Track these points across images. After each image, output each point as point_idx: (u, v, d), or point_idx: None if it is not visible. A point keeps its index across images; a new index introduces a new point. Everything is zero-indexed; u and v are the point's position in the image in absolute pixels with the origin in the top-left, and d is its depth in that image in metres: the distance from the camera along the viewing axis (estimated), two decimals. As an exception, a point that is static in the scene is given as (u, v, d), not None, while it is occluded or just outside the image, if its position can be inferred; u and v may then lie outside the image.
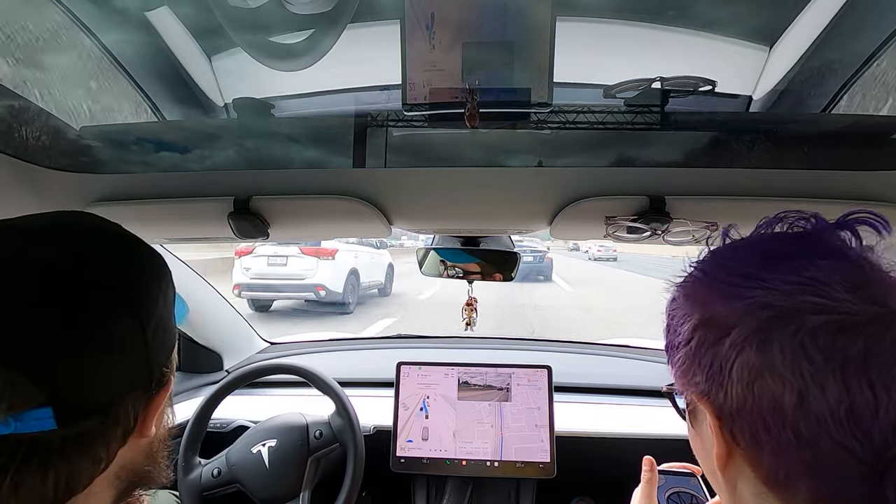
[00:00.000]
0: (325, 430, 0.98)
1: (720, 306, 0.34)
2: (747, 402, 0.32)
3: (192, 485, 0.96)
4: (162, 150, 0.69)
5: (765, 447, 0.31)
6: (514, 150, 0.68)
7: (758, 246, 0.37)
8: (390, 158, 0.68)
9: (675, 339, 0.38)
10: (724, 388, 0.33)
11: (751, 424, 0.32)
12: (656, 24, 0.57)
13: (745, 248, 0.37)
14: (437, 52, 0.53)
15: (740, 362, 0.32)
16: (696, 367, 0.35)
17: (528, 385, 1.09)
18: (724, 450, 0.34)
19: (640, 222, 0.66)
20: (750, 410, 0.32)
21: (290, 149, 0.70)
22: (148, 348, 0.36)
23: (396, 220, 0.76)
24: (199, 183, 0.70)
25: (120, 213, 0.73)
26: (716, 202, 0.65)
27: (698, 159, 0.64)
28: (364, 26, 0.56)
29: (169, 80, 0.65)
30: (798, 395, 0.29)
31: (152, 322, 0.36)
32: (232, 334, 1.41)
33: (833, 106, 0.59)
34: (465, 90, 0.54)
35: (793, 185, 0.63)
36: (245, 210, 0.70)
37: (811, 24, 0.54)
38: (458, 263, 1.01)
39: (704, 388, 0.35)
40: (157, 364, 0.37)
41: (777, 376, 0.30)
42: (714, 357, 0.34)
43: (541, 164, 0.67)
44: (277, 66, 0.59)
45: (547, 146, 0.66)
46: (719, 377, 0.33)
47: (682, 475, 0.68)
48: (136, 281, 0.36)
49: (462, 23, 0.52)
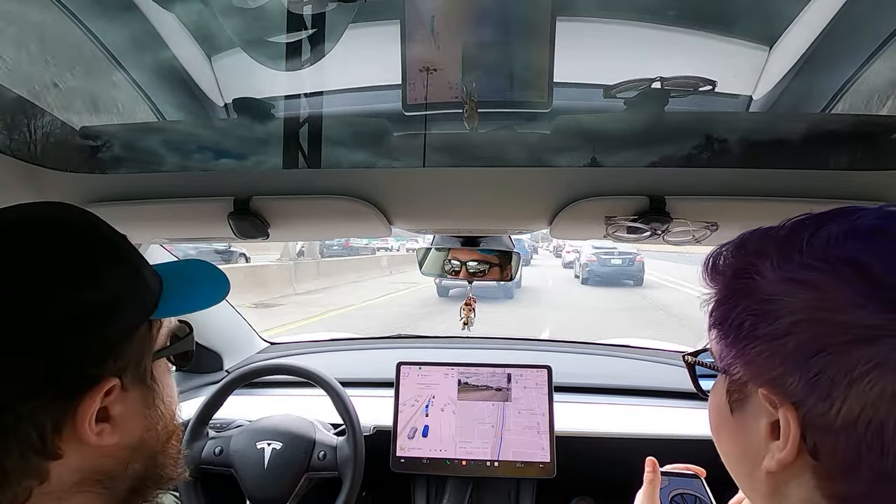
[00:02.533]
0: (329, 455, 0.97)
1: (856, 309, 0.28)
2: (860, 425, 0.27)
3: (192, 453, 0.98)
4: (162, 150, 0.69)
5: (860, 476, 0.28)
6: (514, 149, 0.68)
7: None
8: (390, 158, 0.68)
9: (748, 330, 0.32)
10: (829, 400, 0.28)
11: (855, 450, 0.28)
12: (656, 24, 0.57)
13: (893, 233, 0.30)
14: (437, 53, 0.53)
15: (872, 382, 0.27)
16: (788, 367, 0.30)
17: (528, 385, 1.09)
18: (792, 456, 0.30)
19: (640, 222, 0.66)
20: (862, 434, 0.27)
21: (290, 149, 0.70)
22: (48, 348, 0.32)
23: (396, 220, 0.76)
24: (199, 183, 0.70)
25: (120, 213, 0.73)
26: (716, 202, 0.65)
27: (698, 159, 0.64)
28: (364, 26, 0.56)
29: (169, 80, 0.65)
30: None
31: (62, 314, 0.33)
32: (232, 334, 1.41)
33: (833, 106, 0.59)
34: (465, 90, 0.54)
35: (793, 185, 0.63)
36: (245, 210, 0.70)
37: (811, 24, 0.54)
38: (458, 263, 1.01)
39: (795, 392, 0.30)
40: (69, 363, 0.33)
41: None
42: (827, 365, 0.28)
43: (541, 164, 0.67)
44: (277, 66, 0.59)
45: (547, 146, 0.66)
46: (828, 388, 0.28)
47: (685, 476, 0.67)
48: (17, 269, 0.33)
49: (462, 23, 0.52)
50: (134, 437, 0.39)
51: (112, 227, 0.40)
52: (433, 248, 1.01)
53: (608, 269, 11.86)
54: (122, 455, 0.38)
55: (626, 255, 11.68)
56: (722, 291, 0.36)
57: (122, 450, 0.38)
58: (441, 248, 1.00)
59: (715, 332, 0.36)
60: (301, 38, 0.56)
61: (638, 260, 11.80)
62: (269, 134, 0.69)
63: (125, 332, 0.37)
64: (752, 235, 0.36)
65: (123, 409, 0.37)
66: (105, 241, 0.38)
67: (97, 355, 0.35)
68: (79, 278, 0.35)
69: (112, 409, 0.36)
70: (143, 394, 0.40)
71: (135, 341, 0.38)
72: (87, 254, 0.36)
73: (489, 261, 1.00)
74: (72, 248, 0.36)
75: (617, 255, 11.70)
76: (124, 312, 0.37)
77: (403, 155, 0.69)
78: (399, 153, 0.68)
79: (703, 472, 0.67)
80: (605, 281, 11.93)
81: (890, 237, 0.29)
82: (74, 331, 0.33)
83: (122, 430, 0.37)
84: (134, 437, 0.39)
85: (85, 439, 0.34)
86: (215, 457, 0.98)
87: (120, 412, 0.37)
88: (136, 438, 0.39)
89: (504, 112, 0.60)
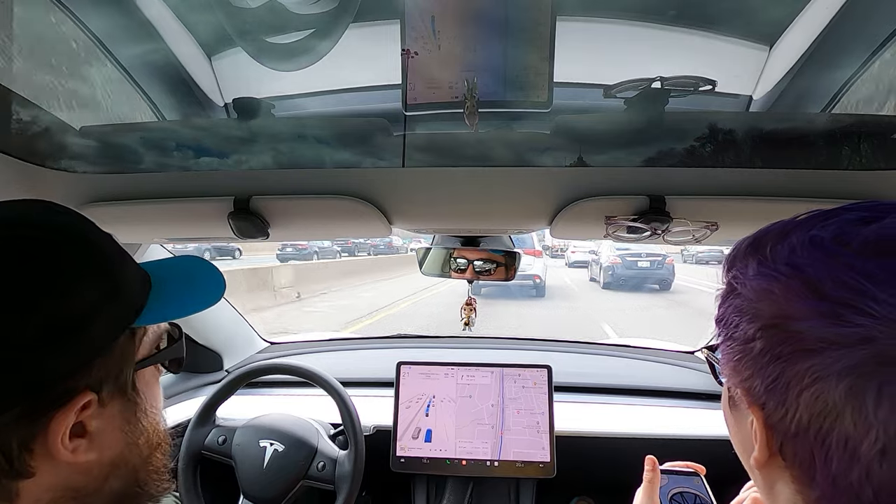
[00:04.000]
0: (328, 466, 0.97)
1: (805, 320, 0.28)
2: (811, 433, 0.28)
3: (197, 436, 1.00)
4: (162, 150, 0.69)
5: (818, 476, 0.28)
6: (514, 149, 0.68)
7: (870, 244, 0.28)
8: (390, 158, 0.68)
9: (732, 331, 0.34)
10: (786, 407, 0.29)
11: (809, 454, 0.28)
12: (656, 24, 0.57)
13: (855, 245, 0.28)
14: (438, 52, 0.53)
15: (816, 392, 0.27)
16: (754, 371, 0.31)
17: (528, 385, 1.09)
18: (766, 456, 0.32)
19: (640, 222, 0.66)
20: (813, 443, 0.28)
21: (290, 149, 0.70)
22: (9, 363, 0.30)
23: (396, 219, 0.76)
24: (199, 183, 0.70)
25: (120, 213, 0.73)
26: (716, 202, 0.65)
27: (698, 159, 0.63)
28: (364, 26, 0.56)
29: (169, 79, 0.65)
30: (881, 449, 0.25)
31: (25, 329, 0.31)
32: (232, 334, 1.41)
33: (833, 106, 0.59)
34: (465, 90, 0.54)
35: (793, 184, 0.63)
36: (245, 210, 0.70)
37: (811, 24, 0.54)
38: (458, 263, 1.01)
39: (759, 395, 0.31)
40: (37, 381, 0.31)
41: (862, 424, 0.25)
42: (781, 373, 0.29)
43: (541, 164, 0.67)
44: (277, 66, 0.59)
45: (547, 146, 0.66)
46: (783, 395, 0.29)
47: (685, 475, 0.67)
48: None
49: (462, 22, 0.52)
50: (113, 452, 0.37)
51: (97, 227, 0.38)
52: (433, 248, 1.01)
53: (634, 272, 10.92)
54: (100, 471, 0.36)
55: (654, 257, 10.64)
56: (724, 288, 0.37)
57: (100, 466, 0.36)
58: (441, 248, 1.00)
59: (716, 328, 0.37)
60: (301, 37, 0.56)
61: (668, 262, 10.74)
62: (269, 134, 0.69)
63: (100, 344, 0.35)
64: (757, 233, 0.36)
65: (101, 424, 0.35)
66: (79, 245, 0.35)
67: (66, 371, 0.33)
68: (42, 289, 0.32)
69: (89, 424, 0.35)
70: (124, 407, 0.38)
71: (113, 352, 0.36)
72: (53, 262, 0.33)
73: (490, 260, 1.00)
74: (37, 255, 0.33)
75: (644, 258, 10.65)
76: (96, 324, 0.34)
77: (403, 155, 0.69)
78: (399, 153, 0.68)
79: (703, 469, 0.67)
80: (629, 285, 11.10)
81: (831, 253, 0.29)
82: (39, 346, 0.31)
83: (100, 445, 0.36)
84: (113, 453, 0.37)
85: (58, 457, 0.33)
86: (218, 445, 0.99)
87: (98, 427, 0.35)
88: (116, 453, 0.37)
89: (504, 112, 0.60)
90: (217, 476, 1.02)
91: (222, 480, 1.03)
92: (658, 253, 10.70)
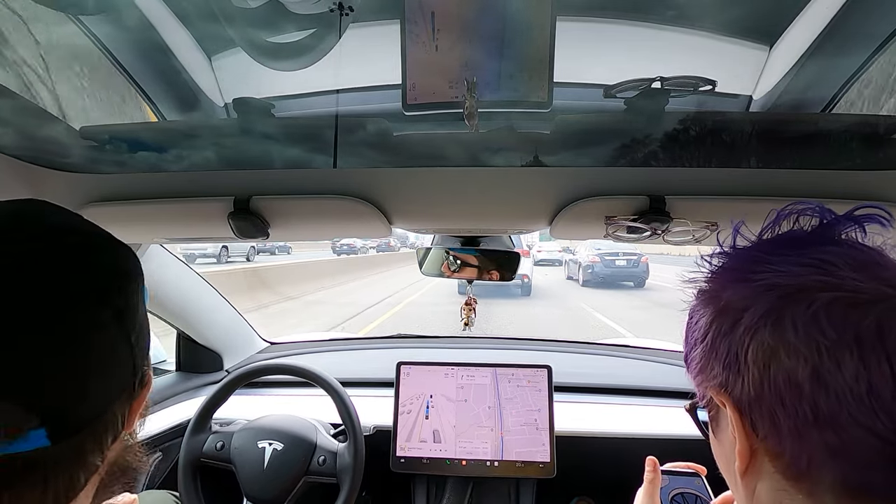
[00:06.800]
0: (328, 460, 0.97)
1: (731, 292, 0.35)
2: (764, 385, 0.32)
3: (194, 445, 0.99)
4: (162, 150, 0.69)
5: (784, 431, 0.31)
6: (515, 150, 0.68)
7: (767, 237, 0.38)
8: (390, 158, 0.68)
9: (692, 336, 0.39)
10: (741, 374, 0.33)
11: (770, 408, 0.32)
12: (656, 24, 0.57)
13: (757, 240, 0.38)
14: (437, 52, 0.53)
15: (755, 345, 0.32)
16: (713, 361, 0.36)
17: (528, 385, 1.09)
18: (747, 446, 0.34)
19: (640, 222, 0.66)
20: (768, 393, 0.32)
21: (290, 149, 0.70)
22: (133, 354, 0.35)
23: (396, 219, 0.76)
24: (199, 183, 0.70)
25: (120, 213, 0.73)
26: (716, 202, 0.65)
27: (698, 159, 0.63)
28: (364, 26, 0.56)
29: (169, 80, 0.65)
30: (812, 370, 0.29)
31: (136, 327, 0.35)
32: (232, 334, 1.41)
33: (833, 106, 0.59)
34: (465, 90, 0.54)
35: (793, 184, 0.63)
36: (245, 210, 0.70)
37: (811, 24, 0.54)
38: (458, 263, 1.01)
39: (722, 380, 0.35)
40: (140, 366, 0.37)
41: (791, 353, 0.30)
42: (730, 345, 0.34)
43: (541, 164, 0.67)
44: (277, 66, 0.59)
45: (547, 146, 0.66)
46: (735, 364, 0.34)
47: (685, 475, 0.67)
48: (117, 287, 0.35)
49: (462, 22, 0.52)
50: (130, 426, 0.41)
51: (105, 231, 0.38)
52: (433, 248, 1.01)
53: (612, 270, 11.60)
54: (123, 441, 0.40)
55: (631, 256, 11.47)
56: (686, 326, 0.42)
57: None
58: (441, 248, 1.00)
59: (686, 367, 0.42)
60: (301, 37, 0.56)
61: (643, 261, 11.55)
62: (268, 134, 0.69)
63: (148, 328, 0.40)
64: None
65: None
66: (122, 247, 0.38)
67: (147, 354, 0.39)
68: (140, 286, 0.37)
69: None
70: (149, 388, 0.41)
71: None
72: (136, 264, 0.38)
73: (490, 260, 1.00)
74: (129, 260, 0.37)
75: (622, 256, 11.44)
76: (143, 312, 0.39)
77: (403, 155, 0.69)
78: (399, 153, 0.68)
79: (704, 470, 0.67)
80: (607, 283, 11.70)
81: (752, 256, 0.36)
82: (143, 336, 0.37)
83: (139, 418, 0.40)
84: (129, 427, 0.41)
85: (129, 428, 0.38)
86: (216, 451, 0.99)
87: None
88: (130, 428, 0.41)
89: (504, 112, 0.60)
90: (218, 480, 1.02)
91: (224, 484, 1.02)
92: (634, 252, 11.59)
